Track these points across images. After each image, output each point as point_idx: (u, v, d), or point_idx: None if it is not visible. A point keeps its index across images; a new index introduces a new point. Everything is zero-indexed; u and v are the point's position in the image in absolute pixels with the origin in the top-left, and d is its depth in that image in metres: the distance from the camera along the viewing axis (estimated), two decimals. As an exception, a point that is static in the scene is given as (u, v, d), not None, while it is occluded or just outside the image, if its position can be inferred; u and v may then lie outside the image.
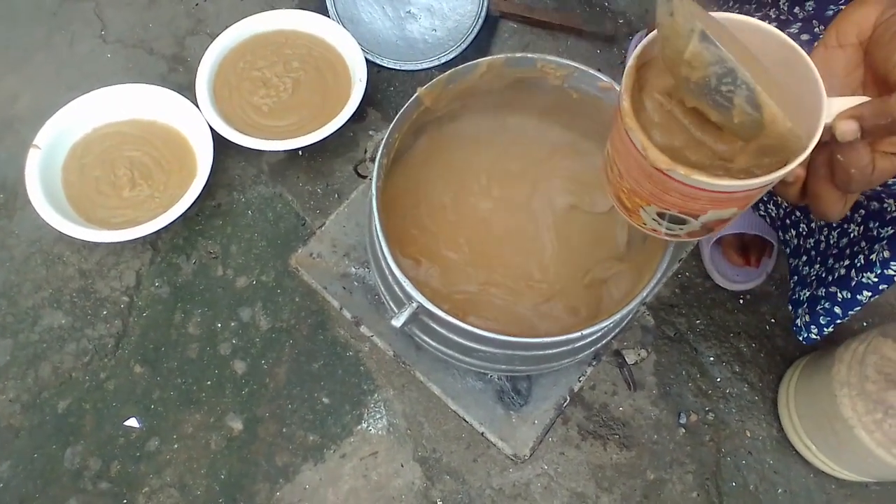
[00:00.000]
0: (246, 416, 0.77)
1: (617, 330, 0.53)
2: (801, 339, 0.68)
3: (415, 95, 0.50)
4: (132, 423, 0.77)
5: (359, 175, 0.69)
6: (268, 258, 0.85)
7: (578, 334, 0.43)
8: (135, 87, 0.85)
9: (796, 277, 0.70)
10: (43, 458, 0.74)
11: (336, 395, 0.78)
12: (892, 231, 0.57)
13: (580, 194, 0.58)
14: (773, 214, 0.72)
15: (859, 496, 0.76)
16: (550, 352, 0.47)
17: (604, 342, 0.53)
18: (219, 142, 0.83)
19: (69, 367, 0.79)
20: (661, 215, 0.41)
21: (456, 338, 0.47)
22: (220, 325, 0.82)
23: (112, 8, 0.99)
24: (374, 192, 0.46)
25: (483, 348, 0.46)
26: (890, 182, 0.51)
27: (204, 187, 0.81)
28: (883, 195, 0.54)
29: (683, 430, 0.79)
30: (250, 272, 0.84)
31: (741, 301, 0.86)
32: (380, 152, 0.47)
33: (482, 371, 0.55)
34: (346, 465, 0.76)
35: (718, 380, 0.82)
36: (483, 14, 0.95)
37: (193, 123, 0.84)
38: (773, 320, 0.85)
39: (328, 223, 0.64)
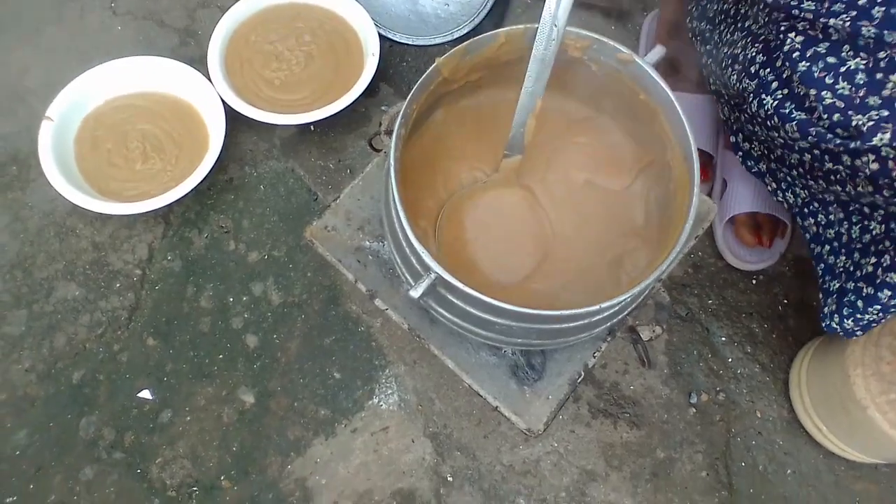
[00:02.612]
0: (258, 390, 0.78)
1: (633, 306, 0.53)
2: (824, 327, 0.67)
3: (433, 66, 0.49)
4: (145, 394, 0.77)
5: (373, 149, 0.68)
6: (280, 233, 0.85)
7: (597, 307, 0.43)
8: (146, 60, 0.84)
9: (823, 266, 0.69)
10: (58, 428, 0.75)
11: (347, 371, 0.79)
12: (884, 227, 0.57)
13: (596, 170, 0.57)
14: (791, 202, 0.71)
15: (869, 478, 0.76)
16: (568, 325, 0.46)
17: (619, 318, 0.52)
18: (231, 116, 0.83)
19: (83, 338, 0.79)
20: None
21: (473, 310, 0.47)
22: (231, 299, 0.82)
23: (122, -21, 0.98)
24: (392, 162, 0.46)
25: (500, 321, 0.46)
26: None
27: (216, 161, 0.81)
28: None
29: (694, 410, 0.79)
30: (262, 247, 0.84)
31: (754, 281, 0.85)
32: (398, 122, 0.47)
33: (498, 345, 0.55)
34: (356, 439, 0.76)
35: (730, 360, 0.82)
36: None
37: (205, 97, 0.83)
38: (785, 301, 0.84)
39: (342, 196, 0.63)
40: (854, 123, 0.52)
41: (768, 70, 0.61)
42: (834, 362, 0.70)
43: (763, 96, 0.61)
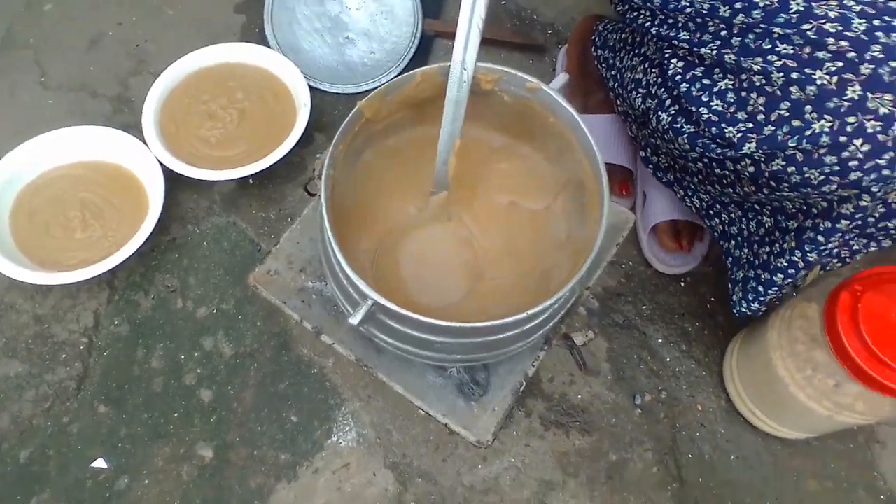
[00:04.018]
0: (216, 444, 0.78)
1: (563, 312, 0.57)
2: (735, 313, 0.74)
3: (355, 108, 0.53)
4: (99, 463, 0.76)
5: (309, 193, 0.72)
6: (226, 286, 0.86)
7: (524, 315, 0.47)
8: (80, 129, 0.86)
9: (731, 259, 0.76)
10: (10, 508, 0.73)
11: (304, 413, 0.80)
12: (795, 224, 0.64)
13: (518, 193, 0.62)
14: (699, 205, 0.78)
15: (802, 453, 0.82)
16: (501, 336, 0.50)
17: (551, 324, 0.56)
18: (169, 177, 0.85)
19: (29, 414, 0.78)
20: None
21: (412, 331, 0.50)
22: (183, 356, 0.82)
23: (51, 54, 1.00)
24: (323, 201, 0.49)
25: (438, 339, 0.49)
26: (789, 182, 0.57)
27: (157, 222, 0.83)
28: (784, 195, 0.60)
29: (639, 411, 0.83)
30: (210, 302, 0.86)
31: (682, 284, 0.91)
32: (325, 164, 0.50)
33: (441, 365, 0.58)
34: (319, 479, 0.77)
35: (668, 359, 0.87)
36: (418, 35, 0.99)
37: (142, 160, 0.85)
38: (713, 299, 0.90)
39: (282, 241, 0.66)
40: (727, 135, 0.58)
41: (663, 90, 0.68)
42: (757, 349, 0.76)
43: (660, 113, 0.67)
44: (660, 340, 0.88)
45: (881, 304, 0.63)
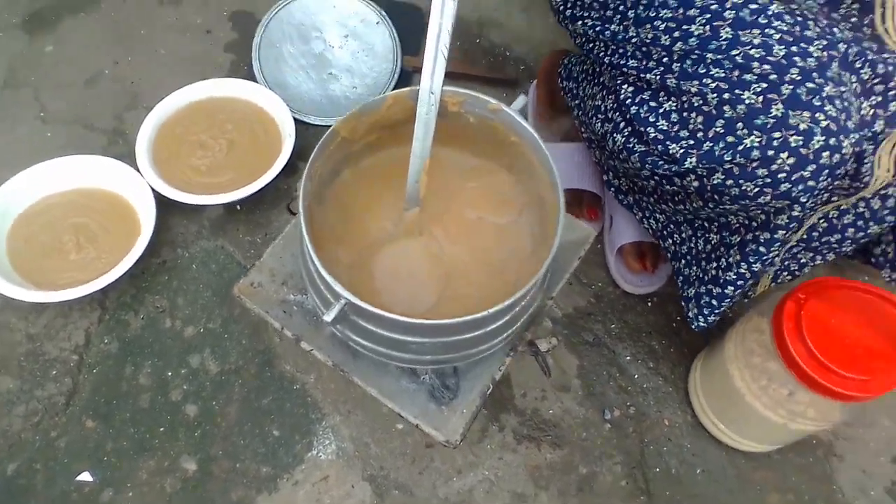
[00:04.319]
0: (199, 457, 0.81)
1: (525, 317, 0.61)
2: (693, 327, 0.78)
3: (331, 128, 0.58)
4: (85, 476, 0.79)
5: (291, 213, 0.76)
6: (213, 307, 0.90)
7: (485, 314, 0.51)
8: (76, 158, 0.91)
9: (681, 278, 0.80)
10: (-4, 520, 0.75)
11: (286, 427, 0.83)
12: (738, 238, 0.70)
13: (486, 209, 0.67)
14: (654, 227, 0.83)
15: (765, 467, 0.85)
16: (466, 336, 0.54)
17: (515, 328, 0.60)
18: (161, 203, 0.89)
19: (18, 429, 0.81)
20: None
21: (383, 332, 0.54)
22: (170, 373, 0.86)
23: (50, 91, 1.06)
24: (301, 210, 0.53)
25: (408, 339, 0.53)
26: (729, 195, 0.62)
27: (148, 246, 0.87)
28: (727, 208, 0.66)
29: (609, 426, 0.87)
30: (197, 321, 0.89)
31: (649, 304, 0.96)
32: (304, 176, 0.55)
33: (413, 366, 0.61)
34: (299, 491, 0.79)
35: (636, 376, 0.90)
36: (398, 70, 1.06)
37: (135, 187, 0.90)
38: (678, 318, 0.95)
39: (265, 256, 0.71)
40: (671, 152, 0.64)
41: (617, 114, 0.73)
42: (716, 362, 0.80)
43: (615, 135, 0.73)
44: (628, 358, 0.91)
45: (823, 311, 0.68)
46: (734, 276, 0.71)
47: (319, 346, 0.65)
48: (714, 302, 0.74)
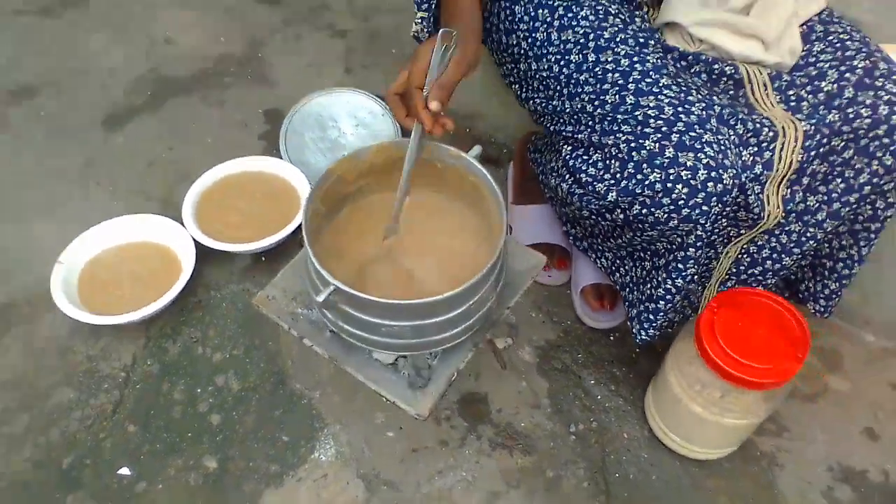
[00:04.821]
0: (219, 457, 0.95)
1: (481, 312, 0.75)
2: (638, 341, 0.92)
3: (328, 168, 0.78)
4: (124, 471, 0.93)
5: (301, 246, 0.95)
6: (238, 337, 1.07)
7: (441, 297, 0.67)
8: (133, 217, 1.13)
9: (627, 303, 0.96)
10: (49, 504, 0.90)
11: (293, 434, 0.97)
12: (663, 261, 0.86)
13: (454, 238, 0.85)
14: (605, 264, 1.00)
15: (715, 475, 0.95)
16: (429, 321, 0.70)
17: (474, 320, 0.75)
18: (200, 253, 1.10)
19: (74, 430, 0.97)
20: None
21: (362, 315, 0.70)
22: (199, 390, 1.02)
23: (119, 172, 1.30)
24: (304, 221, 0.73)
25: (382, 322, 0.69)
26: (647, 222, 0.79)
27: (186, 287, 1.06)
28: (651, 235, 0.83)
29: (574, 437, 0.99)
30: (224, 349, 1.06)
31: (611, 338, 1.10)
32: (308, 197, 0.75)
33: (388, 352, 0.76)
34: (301, 487, 0.92)
35: (599, 397, 1.03)
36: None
37: (179, 239, 1.11)
38: (636, 351, 1.08)
39: (279, 276, 0.89)
40: (598, 190, 0.82)
41: (564, 169, 0.92)
42: (663, 378, 0.93)
43: (562, 184, 0.91)
44: (592, 382, 1.05)
45: (732, 317, 0.83)
46: (663, 292, 0.87)
47: (319, 343, 0.81)
48: (651, 317, 0.89)
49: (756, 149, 0.82)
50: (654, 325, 0.90)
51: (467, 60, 0.81)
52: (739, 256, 0.93)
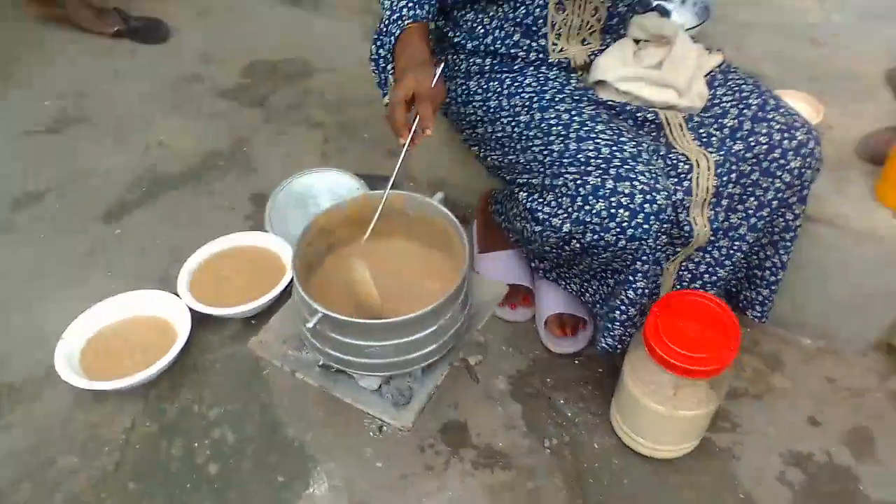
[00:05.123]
0: (218, 502, 1.00)
1: (452, 330, 0.86)
2: (599, 349, 1.03)
3: (313, 218, 0.92)
4: (127, 525, 0.98)
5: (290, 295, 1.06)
6: (232, 394, 1.15)
7: (415, 314, 0.78)
8: (131, 293, 1.24)
9: (595, 318, 1.07)
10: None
11: (288, 474, 1.03)
12: (621, 277, 0.99)
13: (421, 277, 0.97)
14: (574, 289, 1.13)
15: (680, 471, 1.03)
16: (407, 339, 0.80)
17: (446, 340, 0.86)
18: (195, 321, 1.19)
19: (78, 490, 1.02)
20: None
21: (348, 339, 0.80)
22: (196, 444, 1.08)
23: (116, 259, 1.41)
24: (294, 262, 0.84)
25: (366, 343, 0.80)
26: (599, 245, 0.93)
27: (182, 353, 1.15)
28: (605, 257, 0.96)
29: (549, 451, 1.06)
30: (220, 406, 1.14)
31: (576, 361, 1.20)
32: (296, 245, 0.88)
33: (373, 373, 0.86)
34: (298, 521, 0.98)
35: (569, 414, 1.12)
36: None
37: (175, 310, 1.21)
38: (600, 370, 1.18)
39: (271, 321, 0.99)
40: (554, 224, 0.94)
41: (525, 211, 1.05)
42: (622, 385, 1.03)
43: (525, 225, 1.04)
44: (562, 401, 1.14)
45: (673, 317, 0.94)
46: (619, 303, 0.99)
47: (308, 374, 0.91)
48: (610, 325, 1.01)
49: (676, 179, 0.97)
50: (612, 334, 1.01)
51: (444, 88, 1.00)
52: (681, 273, 1.06)
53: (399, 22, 0.99)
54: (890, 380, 1.17)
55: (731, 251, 1.03)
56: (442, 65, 0.98)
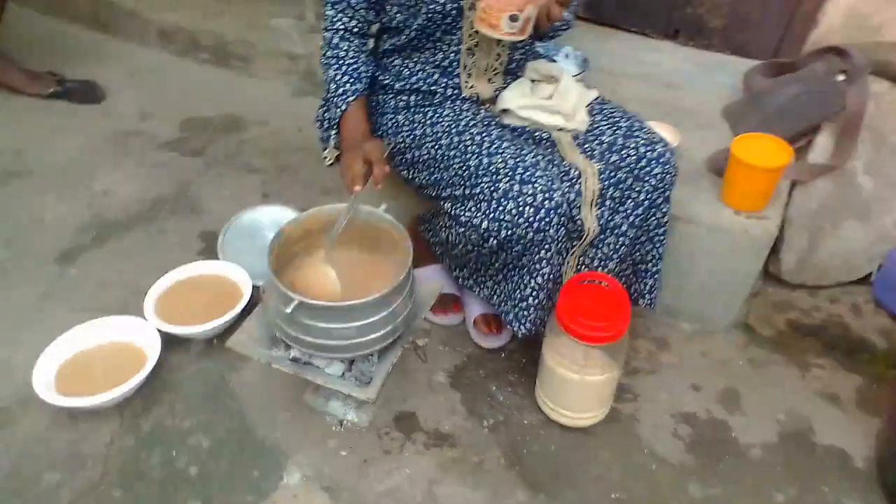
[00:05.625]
0: (202, 498, 1.13)
1: (403, 315, 1.05)
2: (520, 336, 1.24)
3: (281, 228, 1.09)
4: (116, 527, 1.08)
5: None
6: (203, 405, 1.27)
7: (370, 298, 0.98)
8: (104, 318, 1.34)
9: (504, 313, 1.29)
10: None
11: (263, 469, 1.17)
12: (526, 268, 1.21)
13: (376, 281, 1.16)
14: (487, 294, 1.34)
15: (597, 436, 1.26)
16: (366, 321, 0.99)
17: (398, 322, 1.05)
18: (163, 343, 1.31)
19: (66, 502, 1.11)
20: (512, 17, 1.05)
21: (320, 323, 0.98)
22: (174, 452, 1.20)
23: (74, 294, 1.50)
24: (270, 263, 1.01)
25: (336, 325, 0.98)
26: (510, 240, 1.15)
27: (152, 374, 1.27)
28: (516, 250, 1.19)
29: (487, 430, 1.26)
30: (192, 417, 1.26)
31: (503, 354, 1.41)
32: (269, 250, 1.05)
33: (338, 355, 1.04)
34: (276, 507, 1.12)
35: (501, 398, 1.32)
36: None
37: (144, 333, 1.33)
38: (524, 360, 1.40)
39: (245, 323, 1.15)
40: (475, 223, 1.15)
41: (449, 220, 1.26)
42: (542, 362, 1.25)
43: (450, 231, 1.25)
44: (494, 388, 1.34)
45: (575, 297, 1.17)
46: (529, 291, 1.21)
47: (282, 364, 1.08)
48: (524, 313, 1.22)
49: (569, 183, 1.22)
50: (529, 319, 1.23)
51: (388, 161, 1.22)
52: (579, 268, 1.30)
53: (344, 97, 1.24)
54: (747, 350, 1.46)
55: (618, 246, 1.28)
56: (391, 147, 1.25)
